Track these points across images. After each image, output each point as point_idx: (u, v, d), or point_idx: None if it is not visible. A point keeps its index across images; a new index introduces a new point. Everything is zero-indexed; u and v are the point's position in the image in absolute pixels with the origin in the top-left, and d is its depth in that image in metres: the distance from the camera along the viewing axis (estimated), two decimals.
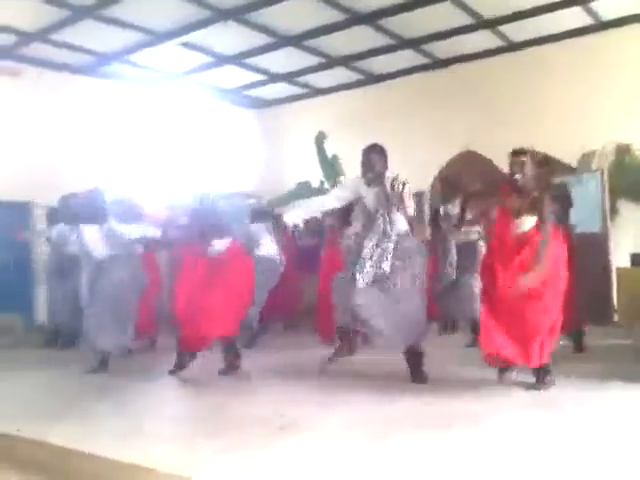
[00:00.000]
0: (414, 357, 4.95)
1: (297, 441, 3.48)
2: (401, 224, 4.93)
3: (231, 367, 5.59)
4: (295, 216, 5.19)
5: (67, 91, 9.86)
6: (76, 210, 6.24)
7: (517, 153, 4.60)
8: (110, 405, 4.70)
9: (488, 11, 8.55)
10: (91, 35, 8.76)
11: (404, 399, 4.40)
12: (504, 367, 4.71)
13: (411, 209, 4.79)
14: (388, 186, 4.78)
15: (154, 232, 6.21)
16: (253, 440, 3.54)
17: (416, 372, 4.93)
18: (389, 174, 4.86)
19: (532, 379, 4.58)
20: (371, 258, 4.80)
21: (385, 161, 4.98)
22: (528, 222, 4.56)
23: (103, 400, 4.87)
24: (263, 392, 4.92)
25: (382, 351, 5.87)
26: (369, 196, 4.97)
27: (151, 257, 7.18)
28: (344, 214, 7.05)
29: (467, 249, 6.62)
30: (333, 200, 5.30)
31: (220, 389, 5.17)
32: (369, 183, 4.94)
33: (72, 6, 7.87)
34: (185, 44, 9.29)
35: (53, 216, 7.46)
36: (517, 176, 4.56)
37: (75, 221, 6.18)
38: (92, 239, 6.01)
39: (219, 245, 5.65)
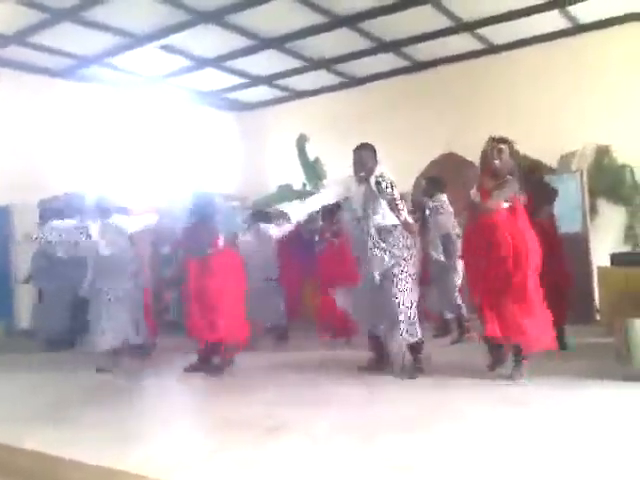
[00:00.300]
0: (413, 349, 5.09)
1: (288, 442, 3.48)
2: (387, 219, 5.03)
3: (218, 369, 5.62)
4: (299, 213, 5.84)
5: (46, 94, 9.76)
6: (56, 212, 6.23)
7: (498, 140, 4.82)
8: (99, 407, 4.65)
9: (468, 14, 8.61)
10: (70, 38, 8.67)
11: (393, 398, 4.43)
12: (496, 360, 4.89)
13: (404, 212, 4.98)
14: (373, 183, 4.95)
15: (152, 220, 6.27)
16: (244, 441, 3.53)
17: (411, 364, 5.07)
18: (376, 173, 5.02)
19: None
20: (368, 260, 5.02)
21: (375, 159, 5.15)
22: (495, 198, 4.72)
23: (92, 402, 4.82)
24: (254, 392, 4.90)
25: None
26: (358, 194, 5.11)
27: None
28: (329, 213, 7.13)
29: (447, 242, 6.74)
30: (330, 195, 5.73)
31: (211, 390, 5.16)
32: (360, 180, 5.11)
33: (50, 9, 7.80)
34: (165, 47, 9.24)
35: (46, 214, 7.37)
36: (495, 161, 4.74)
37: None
38: (97, 234, 6.03)
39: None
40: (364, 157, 5.12)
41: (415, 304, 5.10)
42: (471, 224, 4.96)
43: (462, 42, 9.47)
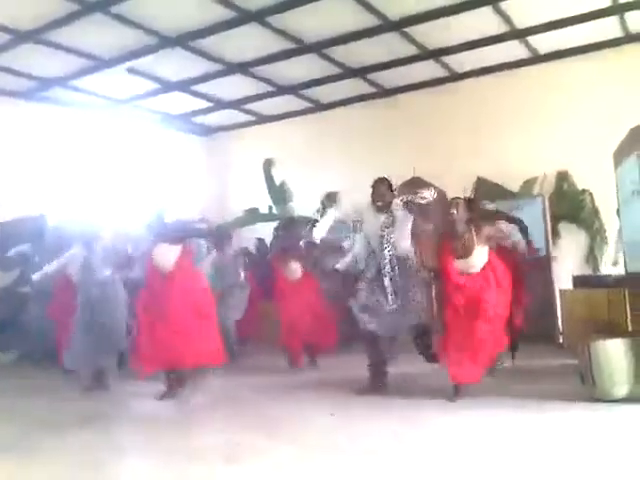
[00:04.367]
0: (422, 337, 5.40)
1: (245, 472, 3.41)
2: (405, 248, 5.41)
3: (170, 392, 5.55)
4: (316, 237, 5.92)
5: (8, 116, 9.58)
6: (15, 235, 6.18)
7: (454, 198, 5.32)
8: (58, 435, 4.51)
9: (432, 42, 8.77)
10: (34, 59, 8.55)
11: (354, 424, 4.39)
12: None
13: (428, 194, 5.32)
14: (400, 207, 5.37)
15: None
16: (203, 470, 3.45)
17: (426, 351, 5.41)
18: (399, 200, 5.42)
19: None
20: (375, 282, 5.35)
21: (391, 190, 5.56)
22: (478, 255, 5.10)
23: (50, 430, 4.67)
24: (214, 420, 4.81)
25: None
26: (377, 221, 5.47)
27: None
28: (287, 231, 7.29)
29: None
30: (341, 213, 6.07)
31: (167, 417, 5.04)
32: (378, 210, 5.47)
33: (12, 30, 7.70)
34: (131, 70, 9.19)
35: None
36: (453, 212, 5.15)
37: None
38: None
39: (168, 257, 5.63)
40: (382, 190, 5.48)
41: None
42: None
43: (427, 69, 9.63)
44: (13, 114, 9.69)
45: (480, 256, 5.11)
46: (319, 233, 5.87)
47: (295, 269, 7.14)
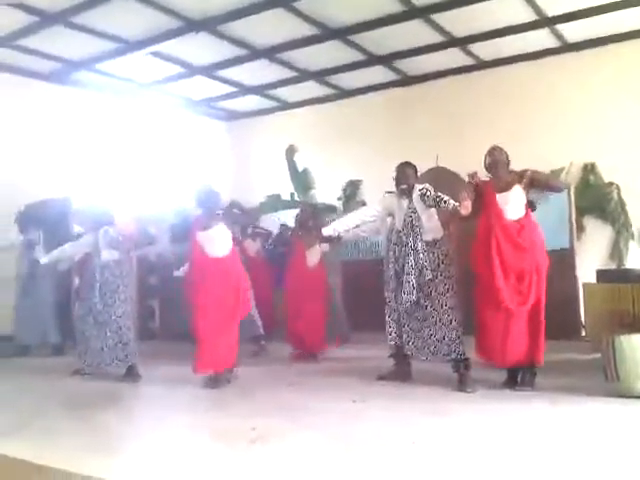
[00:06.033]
0: (459, 365, 5.08)
1: (268, 454, 3.42)
2: (432, 233, 5.24)
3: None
4: (331, 228, 5.69)
5: (33, 98, 9.65)
6: (41, 217, 6.20)
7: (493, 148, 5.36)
8: (76, 416, 4.56)
9: (458, 30, 8.67)
10: (60, 42, 8.62)
11: (375, 412, 4.38)
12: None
13: (451, 201, 5.06)
14: (417, 196, 5.22)
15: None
16: (227, 452, 3.47)
17: (462, 380, 5.02)
18: (418, 187, 5.28)
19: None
20: (407, 273, 5.13)
21: (416, 175, 5.44)
22: (516, 193, 4.99)
23: (67, 410, 4.72)
24: (235, 404, 4.84)
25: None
26: (400, 208, 5.34)
27: None
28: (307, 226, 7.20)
29: None
30: (369, 214, 5.74)
31: (192, 401, 5.08)
32: (402, 195, 5.34)
33: (41, 11, 7.75)
34: (156, 54, 9.21)
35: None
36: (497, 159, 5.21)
37: (40, 227, 6.15)
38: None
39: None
40: (407, 173, 5.36)
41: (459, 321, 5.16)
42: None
43: (452, 57, 9.54)
44: (40, 96, 9.76)
45: (518, 195, 4.99)
46: (333, 228, 5.71)
47: (315, 253, 7.05)
